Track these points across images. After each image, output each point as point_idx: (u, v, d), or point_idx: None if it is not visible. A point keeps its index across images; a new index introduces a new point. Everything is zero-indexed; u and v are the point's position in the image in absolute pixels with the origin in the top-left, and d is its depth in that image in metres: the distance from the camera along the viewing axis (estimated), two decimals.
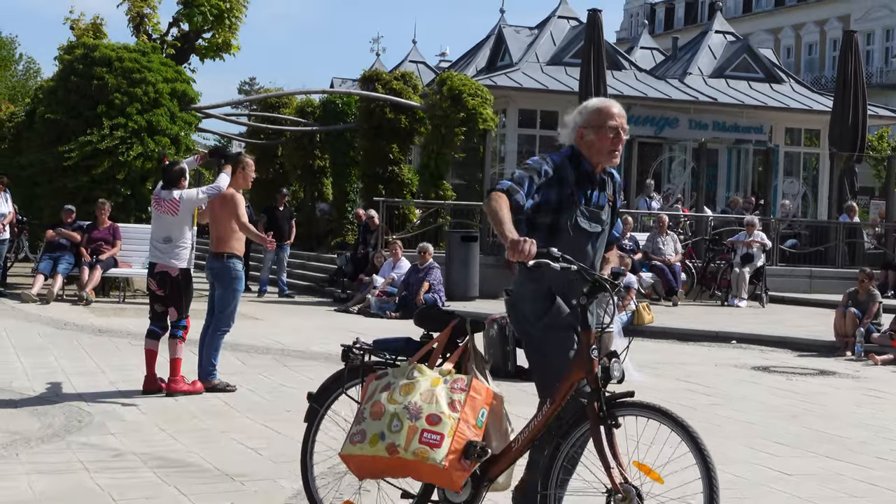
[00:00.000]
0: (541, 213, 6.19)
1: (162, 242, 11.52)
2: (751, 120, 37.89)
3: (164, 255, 11.51)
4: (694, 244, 26.65)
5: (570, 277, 6.00)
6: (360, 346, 6.82)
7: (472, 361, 6.38)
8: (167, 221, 11.56)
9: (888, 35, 65.91)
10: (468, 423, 5.93)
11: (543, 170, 6.14)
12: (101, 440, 9.11)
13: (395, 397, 6.01)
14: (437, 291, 21.27)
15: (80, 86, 23.25)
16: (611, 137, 6.23)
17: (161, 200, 11.63)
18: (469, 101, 26.07)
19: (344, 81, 51.83)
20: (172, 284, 11.49)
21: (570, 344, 6.36)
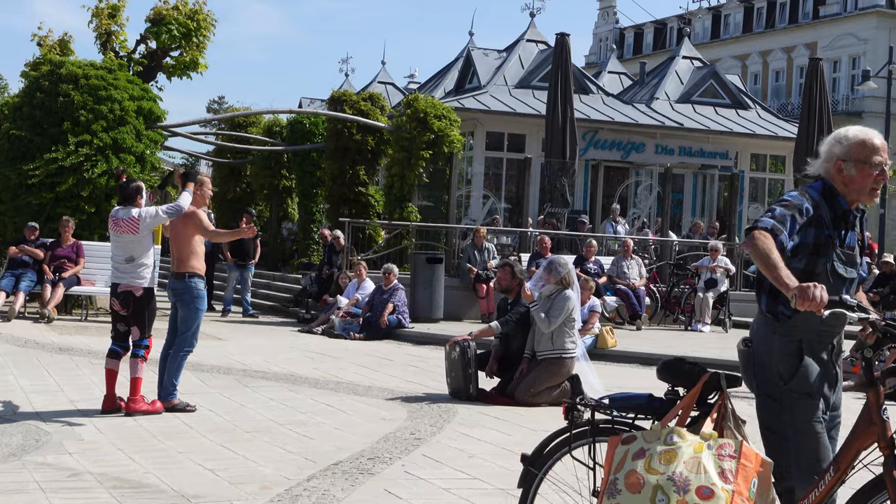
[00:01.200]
0: (797, 257, 5.67)
1: (124, 262, 11.45)
2: (717, 145, 38.06)
3: (127, 274, 11.43)
4: (658, 268, 26.75)
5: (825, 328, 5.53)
6: (587, 402, 6.14)
7: (731, 422, 5.76)
8: (128, 241, 11.48)
9: (854, 63, 66.37)
10: (742, 495, 5.21)
11: (805, 208, 5.62)
12: (57, 460, 9.04)
13: (654, 466, 5.30)
14: (401, 313, 21.25)
15: (45, 102, 23.14)
16: (875, 174, 5.71)
17: (119, 220, 11.52)
18: (435, 122, 26.10)
19: (312, 101, 51.84)
20: (136, 304, 11.42)
21: (816, 410, 5.76)
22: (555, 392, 13.06)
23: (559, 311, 13.09)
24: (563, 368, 13.09)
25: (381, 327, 20.90)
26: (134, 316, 11.48)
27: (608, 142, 36.53)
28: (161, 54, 26.37)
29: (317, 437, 10.46)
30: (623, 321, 24.08)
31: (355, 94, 29.79)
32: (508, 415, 12.20)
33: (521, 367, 13.26)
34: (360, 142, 27.34)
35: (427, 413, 12.07)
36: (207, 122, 35.05)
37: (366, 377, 15.19)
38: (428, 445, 10.16)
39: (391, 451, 9.77)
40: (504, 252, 26.21)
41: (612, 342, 19.04)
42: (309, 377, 14.80)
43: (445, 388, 13.50)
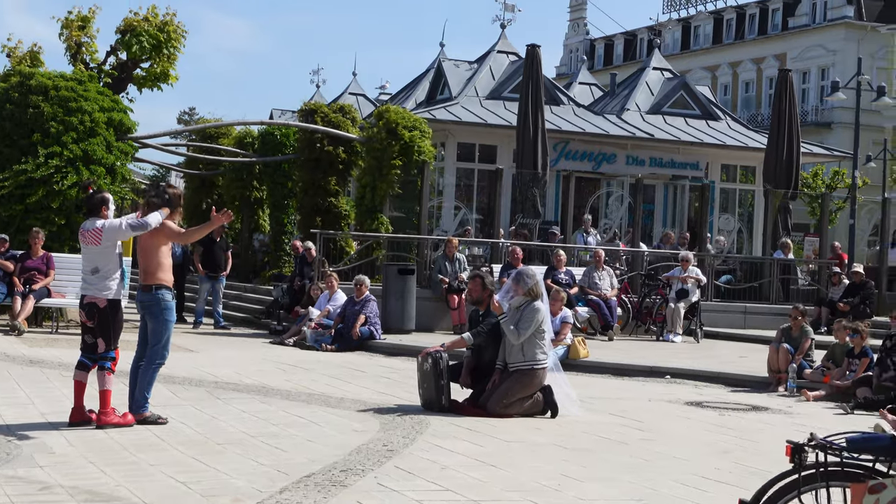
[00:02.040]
0: None
1: (90, 273, 11.42)
2: (687, 156, 38.18)
3: (92, 286, 11.39)
4: (630, 279, 26.80)
5: None
6: (817, 442, 5.60)
7: None
8: (93, 252, 11.45)
9: (823, 74, 66.72)
10: None
11: None
12: (28, 473, 8.99)
13: None
14: (373, 324, 21.24)
15: (14, 114, 23.06)
16: None
17: (85, 231, 11.48)
18: (406, 133, 26.11)
19: (283, 113, 51.81)
20: (100, 315, 11.36)
21: None
22: (527, 403, 13.07)
23: (528, 322, 13.10)
24: (535, 379, 13.09)
25: (353, 339, 20.88)
26: (99, 328, 11.42)
27: (579, 153, 36.62)
28: (131, 65, 26.31)
29: (289, 449, 10.43)
30: (595, 332, 24.11)
31: (326, 106, 29.80)
32: (481, 426, 12.20)
33: (493, 379, 13.26)
34: (331, 153, 27.33)
35: (399, 425, 12.05)
36: (178, 134, 34.95)
37: (338, 389, 15.16)
38: (400, 457, 10.15)
39: (364, 463, 9.76)
40: (475, 263, 26.23)
41: (584, 353, 19.06)
42: (281, 389, 14.77)
43: (418, 400, 13.49)
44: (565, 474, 9.70)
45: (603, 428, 12.49)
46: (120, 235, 11.52)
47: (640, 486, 9.34)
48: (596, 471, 9.96)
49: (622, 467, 10.17)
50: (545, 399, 13.19)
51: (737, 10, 75.13)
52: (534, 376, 13.06)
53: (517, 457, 10.51)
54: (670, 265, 26.23)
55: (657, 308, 25.13)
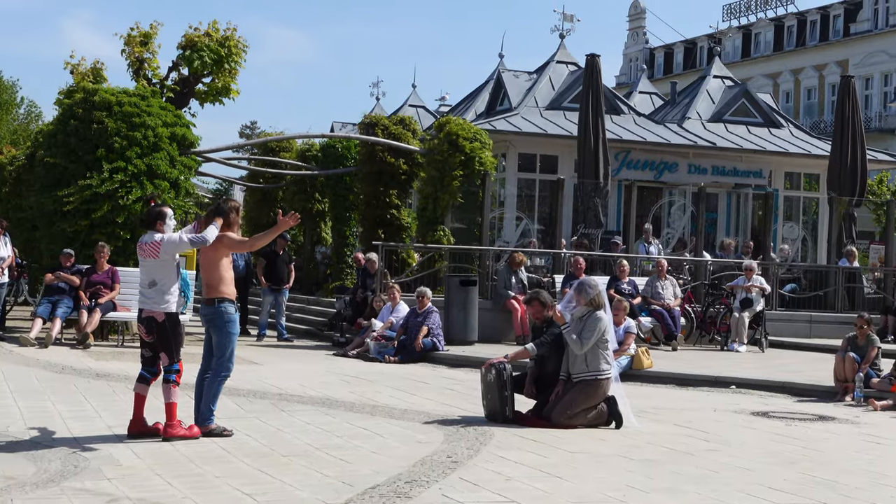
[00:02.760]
0: None
1: (147, 287, 11.47)
2: (750, 164, 37.91)
3: (150, 300, 11.44)
4: (693, 288, 26.64)
5: None
6: None
7: None
8: (151, 265, 11.50)
9: (886, 80, 66.11)
10: None
11: None
12: (95, 485, 9.06)
13: None
14: (435, 336, 21.25)
15: (79, 130, 23.28)
16: None
17: (143, 244, 11.56)
18: (467, 145, 26.09)
19: (344, 125, 51.98)
20: (159, 329, 11.42)
21: None
22: (591, 413, 13.02)
23: (591, 332, 13.05)
24: (599, 390, 13.03)
25: (415, 350, 20.91)
26: (160, 342, 11.46)
27: (640, 162, 36.47)
28: (193, 80, 26.50)
29: (354, 460, 10.45)
30: (658, 342, 23.97)
31: (387, 118, 29.84)
32: (545, 437, 12.16)
33: (556, 390, 13.22)
34: (392, 165, 27.37)
35: (464, 436, 12.04)
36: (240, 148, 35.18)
37: (402, 400, 15.17)
38: (465, 468, 10.14)
39: (428, 475, 9.76)
40: (538, 274, 26.16)
41: (647, 363, 18.97)
42: (345, 401, 14.81)
43: (481, 411, 13.48)
44: (630, 485, 9.65)
45: (668, 438, 12.42)
46: (178, 249, 11.56)
47: (706, 497, 9.26)
48: (662, 482, 9.90)
49: (688, 478, 10.09)
50: (609, 410, 13.13)
51: (798, 17, 74.57)
52: (598, 387, 13.00)
53: (582, 468, 10.46)
54: (734, 274, 26.04)
55: (721, 317, 24.95)
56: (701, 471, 10.53)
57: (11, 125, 67.36)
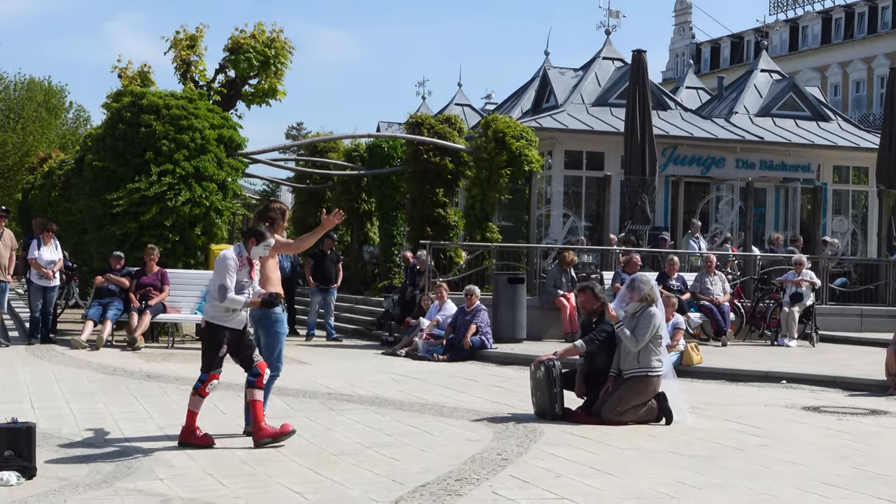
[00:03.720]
0: None
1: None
2: (798, 158, 37.65)
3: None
4: (742, 284, 26.50)
5: None
6: None
7: None
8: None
9: None
10: None
11: None
12: (148, 486, 9.13)
13: None
14: (484, 334, 21.25)
15: (127, 133, 23.43)
16: None
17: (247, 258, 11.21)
18: (513, 143, 26.06)
19: (390, 125, 52.07)
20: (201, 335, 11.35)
21: None
22: (641, 410, 12.97)
23: (645, 328, 13.01)
24: (650, 387, 12.98)
25: (464, 348, 20.91)
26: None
27: (688, 157, 36.30)
28: (240, 82, 26.65)
29: (403, 458, 10.47)
30: (708, 337, 23.86)
31: (433, 117, 29.88)
32: (595, 434, 12.13)
33: (606, 386, 13.19)
34: (438, 164, 27.40)
35: (513, 433, 12.04)
36: (287, 149, 35.32)
37: (451, 398, 15.19)
38: (515, 466, 10.13)
39: (478, 472, 9.76)
40: (586, 271, 26.11)
41: (697, 359, 18.89)
42: (394, 399, 14.83)
43: (531, 408, 13.47)
44: (682, 481, 9.61)
45: (719, 434, 12.36)
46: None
47: (758, 493, 9.21)
48: (713, 478, 9.86)
49: (740, 474, 10.04)
50: (659, 406, 13.08)
51: (845, 10, 74.00)
52: (648, 383, 12.95)
53: (632, 464, 10.43)
54: (783, 269, 25.89)
55: (771, 312, 24.81)
56: (752, 466, 10.47)
57: (60, 130, 67.94)
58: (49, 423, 12.14)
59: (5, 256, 21.15)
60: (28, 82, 67.27)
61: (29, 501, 8.55)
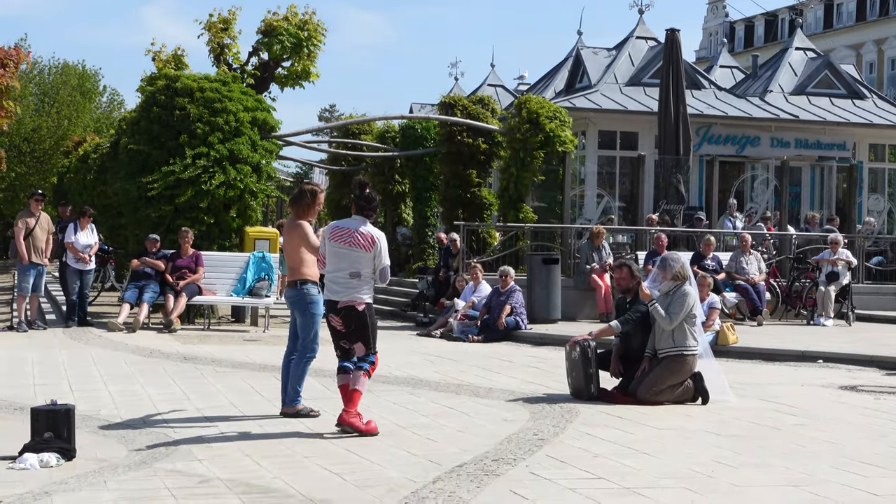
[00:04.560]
0: None
1: (349, 278, 11.01)
2: (833, 136, 37.44)
3: (352, 290, 11.02)
4: (778, 263, 26.40)
5: None
6: None
7: None
8: (358, 256, 11.01)
9: None
10: None
11: None
12: (187, 467, 9.18)
13: None
14: (518, 314, 21.25)
15: (162, 116, 23.48)
16: None
17: (355, 233, 11.04)
18: (547, 123, 26.01)
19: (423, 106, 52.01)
20: (359, 320, 11.06)
21: None
22: (677, 390, 12.95)
23: (679, 306, 12.98)
24: (686, 366, 12.95)
25: (499, 329, 20.93)
26: (357, 332, 11.07)
27: (722, 136, 36.14)
28: (273, 65, 26.69)
29: (440, 439, 10.49)
30: (744, 317, 23.80)
31: (466, 98, 29.86)
32: (631, 413, 12.13)
33: (642, 366, 13.17)
34: (472, 145, 27.40)
35: (549, 413, 12.05)
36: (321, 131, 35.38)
37: (486, 379, 15.20)
38: (551, 446, 10.14)
39: (515, 452, 9.77)
40: (620, 251, 26.06)
41: (732, 338, 18.84)
42: (430, 380, 14.86)
43: (566, 389, 13.47)
44: (718, 461, 9.60)
45: (755, 414, 12.33)
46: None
47: (795, 472, 9.19)
48: (750, 457, 9.84)
49: (777, 453, 10.02)
50: (696, 386, 13.06)
51: None
52: (684, 363, 12.93)
53: (669, 444, 10.43)
54: (819, 248, 25.78)
55: (807, 292, 24.73)
56: (789, 445, 10.45)
57: (95, 113, 68.22)
58: (87, 405, 12.23)
59: (42, 240, 21.29)
60: (62, 66, 67.57)
61: (69, 482, 8.62)
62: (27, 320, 21.14)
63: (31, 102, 64.74)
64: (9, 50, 36.86)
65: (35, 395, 12.76)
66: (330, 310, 11.10)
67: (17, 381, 14.40)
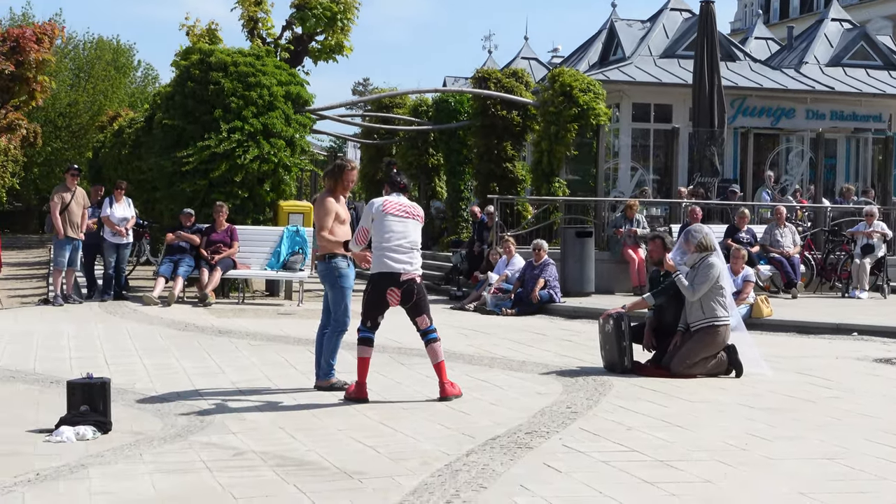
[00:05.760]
0: None
1: (410, 249, 11.23)
2: (869, 108, 37.24)
3: (413, 263, 11.27)
4: (813, 235, 26.28)
5: None
6: None
7: None
8: (414, 227, 11.30)
9: None
10: None
11: None
12: (221, 439, 9.24)
13: None
14: (552, 288, 21.24)
15: (196, 91, 23.54)
16: None
17: (406, 206, 11.30)
18: (581, 96, 25.92)
19: (456, 80, 52.00)
20: (419, 292, 11.33)
21: None
22: (711, 363, 12.93)
23: (704, 277, 12.94)
24: (718, 337, 12.91)
25: (532, 303, 20.92)
26: (420, 304, 11.39)
27: (757, 109, 36.01)
28: (307, 39, 26.70)
29: (473, 412, 10.52)
30: (778, 290, 23.71)
31: (499, 71, 29.77)
32: (665, 387, 12.13)
33: (674, 340, 13.16)
34: (505, 118, 27.35)
35: (582, 387, 12.06)
36: (354, 105, 35.39)
37: (519, 352, 15.22)
38: (584, 419, 10.15)
39: (548, 425, 9.79)
40: (654, 224, 26.00)
41: (767, 311, 18.77)
42: (463, 353, 14.89)
43: (600, 362, 13.47)
44: (752, 433, 9.59)
45: (789, 387, 12.30)
46: None
47: (830, 445, 9.17)
48: (784, 430, 9.83)
49: (811, 426, 10.00)
50: (729, 358, 13.03)
51: None
52: (716, 334, 12.89)
53: (702, 417, 10.42)
54: (854, 220, 25.64)
55: (842, 264, 24.60)
56: (823, 418, 10.42)
57: (129, 88, 68.45)
58: (123, 378, 12.32)
59: (78, 214, 21.42)
60: (97, 41, 67.80)
61: (105, 455, 8.69)
62: (63, 294, 21.29)
63: (67, 78, 65.04)
64: (43, 25, 37.07)
65: (71, 369, 12.86)
66: (390, 283, 11.19)
67: (53, 354, 14.51)
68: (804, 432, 9.71)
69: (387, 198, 11.35)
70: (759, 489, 7.70)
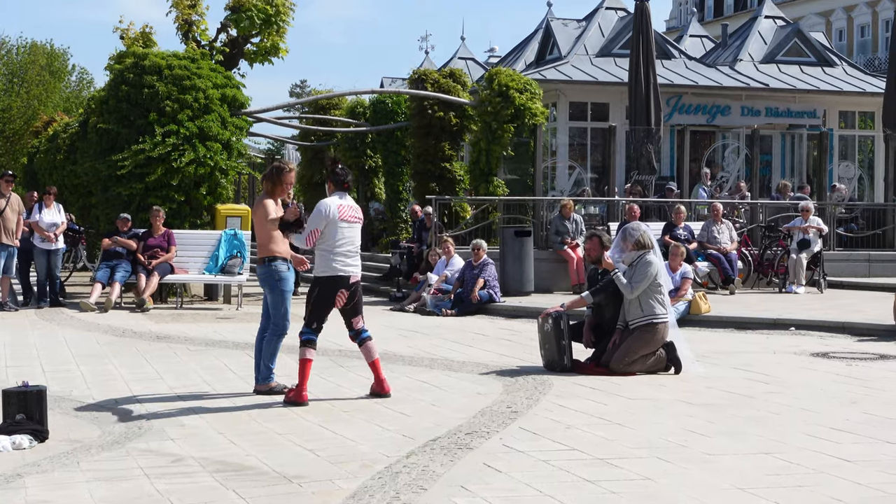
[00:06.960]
0: None
1: (356, 253, 11.34)
2: (804, 105, 37.58)
3: (359, 265, 11.43)
4: (749, 231, 26.47)
5: None
6: None
7: None
8: (358, 231, 11.42)
9: None
10: None
11: None
12: (160, 446, 9.16)
13: None
14: (492, 287, 21.26)
15: (131, 95, 23.38)
16: None
17: (351, 209, 11.34)
18: (518, 96, 25.98)
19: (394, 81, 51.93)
20: (359, 293, 11.46)
21: None
22: (650, 360, 12.98)
23: (641, 275, 12.99)
24: (657, 335, 12.97)
25: (472, 303, 20.94)
26: (359, 305, 11.50)
27: (693, 106, 36.25)
28: (242, 41, 26.55)
29: (413, 413, 10.50)
30: (716, 286, 23.87)
31: (436, 72, 29.79)
32: (604, 384, 12.16)
33: (613, 338, 13.20)
34: (443, 118, 27.36)
35: (522, 386, 12.07)
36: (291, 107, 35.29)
37: (460, 353, 15.22)
38: (525, 418, 10.16)
39: (488, 425, 9.79)
40: (592, 222, 26.09)
41: (705, 308, 18.88)
42: (403, 355, 14.87)
43: (539, 361, 13.49)
44: (691, 430, 9.64)
45: (728, 382, 12.37)
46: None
47: (768, 440, 9.24)
48: (723, 426, 9.88)
49: (749, 421, 10.07)
50: (668, 355, 13.09)
51: None
52: (654, 331, 12.95)
53: (642, 414, 10.46)
54: (790, 216, 25.85)
55: (779, 260, 24.80)
56: (762, 413, 10.49)
57: (64, 93, 67.74)
58: (60, 385, 12.19)
59: (13, 221, 21.18)
60: (30, 46, 67.09)
61: (42, 464, 8.60)
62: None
63: (0, 83, 64.30)
64: None
65: (7, 377, 12.69)
66: (340, 286, 11.25)
67: None
68: (743, 427, 9.76)
69: (339, 202, 11.30)
70: (698, 485, 7.73)
